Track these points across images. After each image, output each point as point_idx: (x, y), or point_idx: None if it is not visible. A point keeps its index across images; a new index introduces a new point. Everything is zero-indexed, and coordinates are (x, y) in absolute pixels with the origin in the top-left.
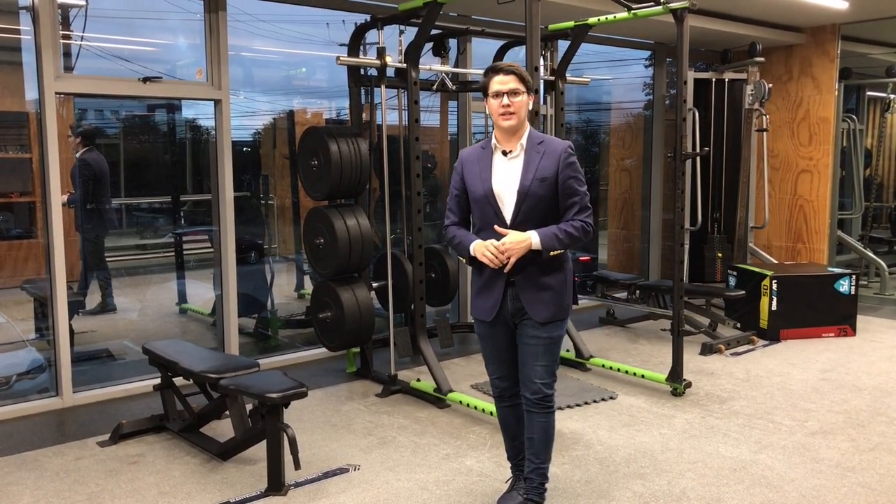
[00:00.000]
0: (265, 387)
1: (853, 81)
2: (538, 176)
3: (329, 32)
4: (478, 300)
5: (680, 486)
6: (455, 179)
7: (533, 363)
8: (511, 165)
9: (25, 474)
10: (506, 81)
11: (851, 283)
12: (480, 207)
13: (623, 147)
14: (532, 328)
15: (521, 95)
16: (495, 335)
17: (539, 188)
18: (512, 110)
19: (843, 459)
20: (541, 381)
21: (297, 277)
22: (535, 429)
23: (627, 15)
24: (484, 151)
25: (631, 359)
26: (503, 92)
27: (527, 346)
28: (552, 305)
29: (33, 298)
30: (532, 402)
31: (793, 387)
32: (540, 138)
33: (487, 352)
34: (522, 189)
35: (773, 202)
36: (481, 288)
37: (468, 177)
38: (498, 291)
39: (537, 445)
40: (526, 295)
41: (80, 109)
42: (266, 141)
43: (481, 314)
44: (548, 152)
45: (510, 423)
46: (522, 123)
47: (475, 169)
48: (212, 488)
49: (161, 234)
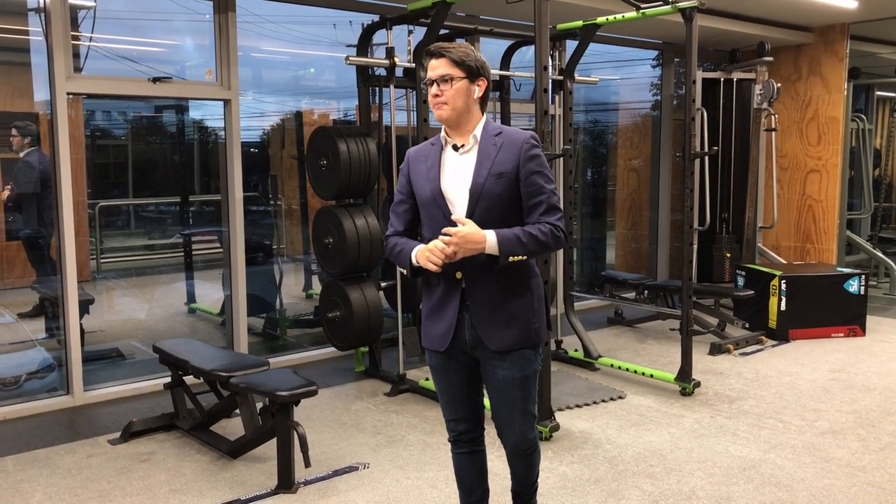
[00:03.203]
0: (275, 385)
1: (862, 81)
2: (494, 171)
3: (337, 33)
4: (428, 325)
5: (689, 486)
6: (401, 182)
7: (509, 409)
8: (463, 161)
9: (37, 472)
10: (435, 66)
11: (861, 283)
12: (428, 211)
13: (631, 147)
14: (497, 364)
15: (455, 82)
16: (448, 369)
17: (495, 185)
18: (443, 100)
19: (852, 459)
20: (520, 429)
21: (305, 277)
22: (519, 470)
23: (636, 14)
24: (433, 148)
25: (639, 358)
26: (432, 80)
27: (495, 388)
28: (514, 329)
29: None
30: (513, 454)
31: (802, 387)
32: (497, 129)
33: (440, 388)
34: (475, 187)
35: (781, 202)
36: (431, 311)
37: (415, 177)
38: (451, 315)
39: (522, 476)
40: (478, 316)
41: (87, 110)
42: (274, 141)
43: (432, 343)
44: (506, 144)
45: (466, 475)
46: (464, 114)
47: (422, 167)
48: (222, 486)
49: (170, 235)
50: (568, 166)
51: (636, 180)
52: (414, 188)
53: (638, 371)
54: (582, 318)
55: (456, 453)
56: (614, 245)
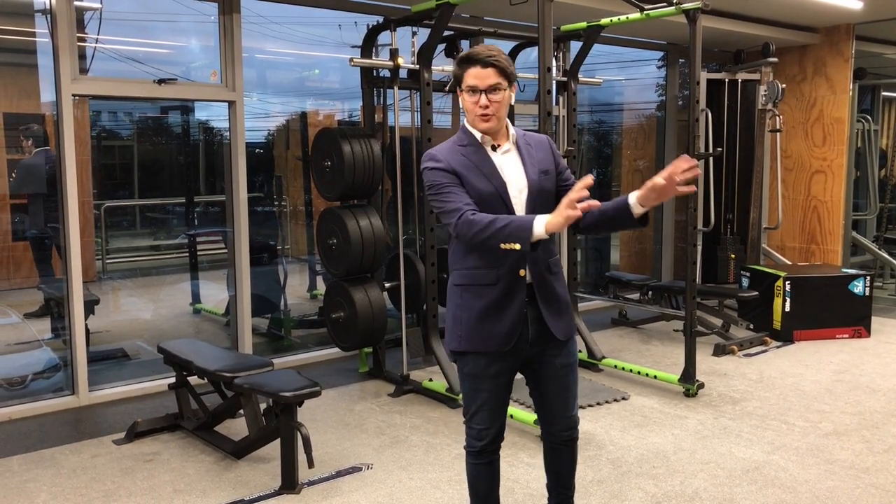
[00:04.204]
0: (279, 386)
1: (868, 82)
2: (541, 168)
3: (341, 34)
4: (481, 326)
5: (692, 487)
6: (443, 173)
7: (565, 395)
8: (508, 160)
9: (42, 472)
10: (484, 76)
11: (866, 284)
12: (488, 207)
13: (636, 148)
14: (559, 355)
15: (501, 91)
16: (499, 376)
17: (545, 181)
18: (491, 112)
19: (857, 461)
20: (573, 412)
21: (309, 278)
22: (562, 462)
23: (640, 16)
24: (468, 147)
25: (643, 359)
26: (480, 89)
27: (551, 378)
28: (567, 316)
29: (49, 299)
30: (562, 440)
31: (806, 388)
32: (520, 131)
33: (481, 396)
34: (532, 183)
35: (786, 203)
36: (486, 311)
37: (464, 172)
38: (514, 312)
39: (566, 477)
40: (547, 309)
41: (93, 111)
42: (279, 142)
43: (492, 344)
44: (535, 144)
45: (482, 484)
46: (503, 121)
47: (469, 164)
48: (226, 486)
49: (175, 235)
50: (572, 167)
51: (641, 181)
52: (466, 183)
53: (642, 372)
54: (586, 318)
55: (475, 464)
56: (618, 246)
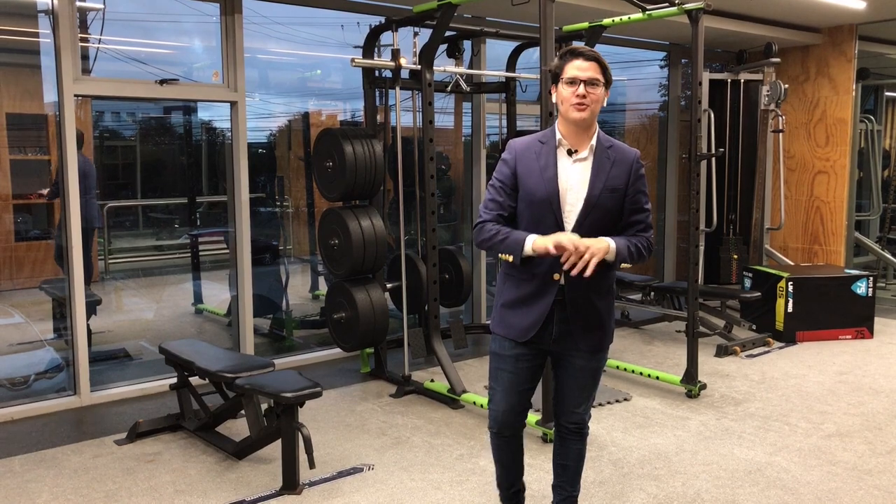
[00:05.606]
0: (280, 386)
1: (871, 82)
2: (609, 185)
3: (343, 34)
4: (510, 315)
5: (694, 488)
6: (503, 172)
7: (578, 394)
8: (578, 169)
9: (44, 472)
10: (585, 68)
11: (869, 285)
12: (538, 211)
13: (638, 148)
14: (580, 358)
15: (599, 87)
16: (520, 360)
17: (608, 199)
18: (587, 102)
19: (859, 462)
20: (584, 411)
21: (311, 278)
22: (570, 455)
23: (642, 16)
24: (544, 146)
25: (645, 360)
26: (581, 80)
27: (573, 377)
28: (601, 332)
29: (51, 299)
30: (570, 431)
31: (809, 389)
32: (609, 142)
33: (502, 377)
34: (591, 199)
35: (789, 203)
36: (515, 303)
37: (525, 173)
38: (541, 310)
39: (572, 473)
40: (577, 318)
41: (96, 111)
42: (281, 143)
43: (512, 332)
44: (618, 160)
45: (506, 456)
46: (594, 119)
47: (534, 165)
48: (227, 487)
49: (177, 236)
50: None
51: None
52: (522, 185)
53: (644, 373)
54: None
55: (496, 441)
56: None
